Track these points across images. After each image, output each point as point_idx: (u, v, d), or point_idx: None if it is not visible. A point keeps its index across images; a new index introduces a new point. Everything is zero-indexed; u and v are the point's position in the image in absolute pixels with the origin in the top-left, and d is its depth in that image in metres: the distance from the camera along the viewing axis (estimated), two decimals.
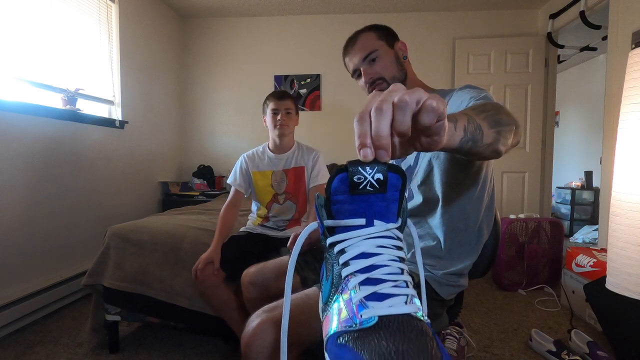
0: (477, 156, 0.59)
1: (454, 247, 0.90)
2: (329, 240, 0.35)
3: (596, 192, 4.28)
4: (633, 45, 1.99)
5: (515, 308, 2.08)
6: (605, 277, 0.92)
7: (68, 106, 2.13)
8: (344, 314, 0.32)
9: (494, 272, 2.41)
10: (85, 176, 2.29)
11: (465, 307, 2.07)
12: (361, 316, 0.30)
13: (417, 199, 0.92)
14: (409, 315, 0.30)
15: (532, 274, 2.38)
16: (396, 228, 0.34)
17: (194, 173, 3.41)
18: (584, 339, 1.56)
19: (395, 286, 0.32)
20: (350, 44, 0.98)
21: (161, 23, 3.20)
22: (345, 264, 0.33)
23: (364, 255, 0.33)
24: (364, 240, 0.33)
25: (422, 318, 0.31)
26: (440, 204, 0.89)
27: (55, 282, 1.95)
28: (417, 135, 0.39)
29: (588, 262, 1.85)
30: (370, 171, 0.32)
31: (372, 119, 0.33)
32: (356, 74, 0.98)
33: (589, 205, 4.36)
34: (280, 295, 0.99)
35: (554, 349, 1.51)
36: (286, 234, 1.57)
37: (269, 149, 1.64)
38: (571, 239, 3.86)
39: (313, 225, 0.39)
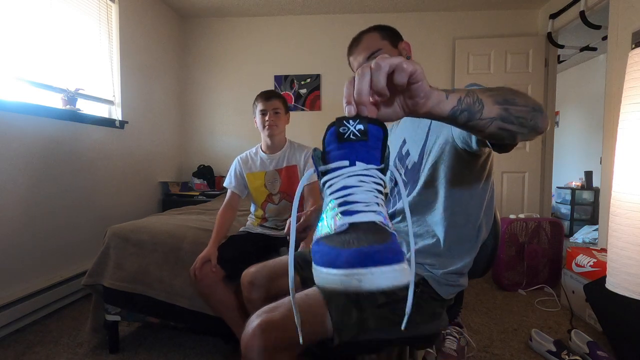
0: (481, 132, 0.55)
1: (453, 244, 0.90)
2: (322, 180, 0.43)
3: (596, 192, 4.27)
4: (633, 45, 1.99)
5: (515, 308, 2.08)
6: (605, 277, 0.92)
7: (68, 106, 2.13)
8: (325, 226, 0.40)
9: (494, 272, 2.40)
10: (85, 176, 2.29)
11: (465, 307, 2.07)
12: (336, 224, 0.38)
13: (418, 196, 0.92)
14: (373, 222, 0.37)
15: (532, 274, 2.38)
16: (378, 170, 0.41)
17: (194, 173, 3.41)
18: (584, 339, 1.56)
19: (366, 206, 0.38)
20: (354, 44, 1.00)
21: (161, 23, 3.20)
22: (332, 194, 0.41)
23: (345, 187, 0.40)
24: (347, 178, 0.40)
25: (387, 226, 0.37)
26: (441, 200, 0.89)
27: (55, 282, 1.95)
28: (400, 97, 0.47)
29: (588, 262, 1.85)
30: (353, 123, 0.40)
31: (355, 82, 0.41)
32: None
33: (589, 205, 4.36)
34: (280, 295, 0.99)
35: (554, 349, 1.51)
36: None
37: (262, 149, 1.65)
38: (571, 239, 3.86)
39: (309, 172, 0.47)
